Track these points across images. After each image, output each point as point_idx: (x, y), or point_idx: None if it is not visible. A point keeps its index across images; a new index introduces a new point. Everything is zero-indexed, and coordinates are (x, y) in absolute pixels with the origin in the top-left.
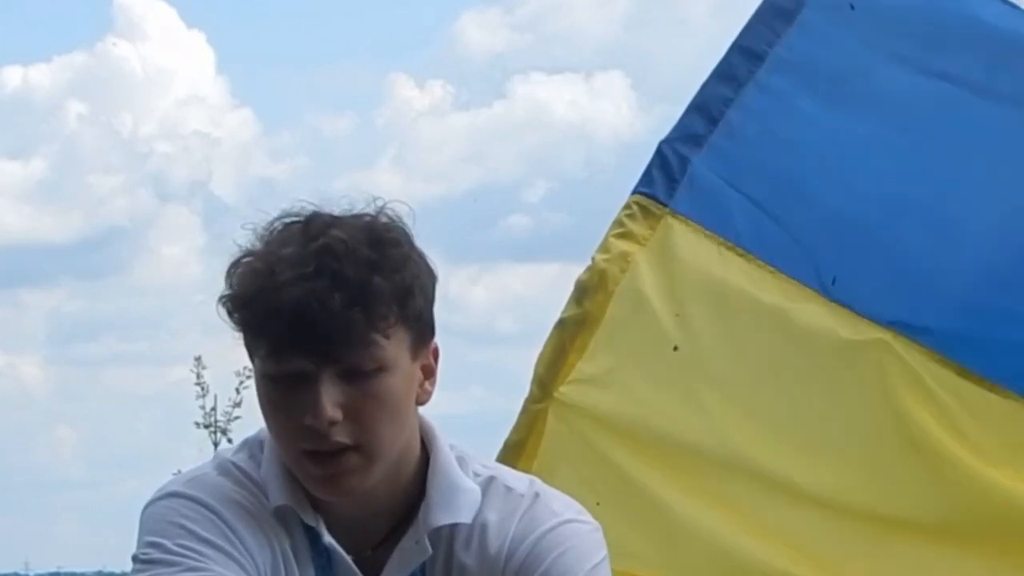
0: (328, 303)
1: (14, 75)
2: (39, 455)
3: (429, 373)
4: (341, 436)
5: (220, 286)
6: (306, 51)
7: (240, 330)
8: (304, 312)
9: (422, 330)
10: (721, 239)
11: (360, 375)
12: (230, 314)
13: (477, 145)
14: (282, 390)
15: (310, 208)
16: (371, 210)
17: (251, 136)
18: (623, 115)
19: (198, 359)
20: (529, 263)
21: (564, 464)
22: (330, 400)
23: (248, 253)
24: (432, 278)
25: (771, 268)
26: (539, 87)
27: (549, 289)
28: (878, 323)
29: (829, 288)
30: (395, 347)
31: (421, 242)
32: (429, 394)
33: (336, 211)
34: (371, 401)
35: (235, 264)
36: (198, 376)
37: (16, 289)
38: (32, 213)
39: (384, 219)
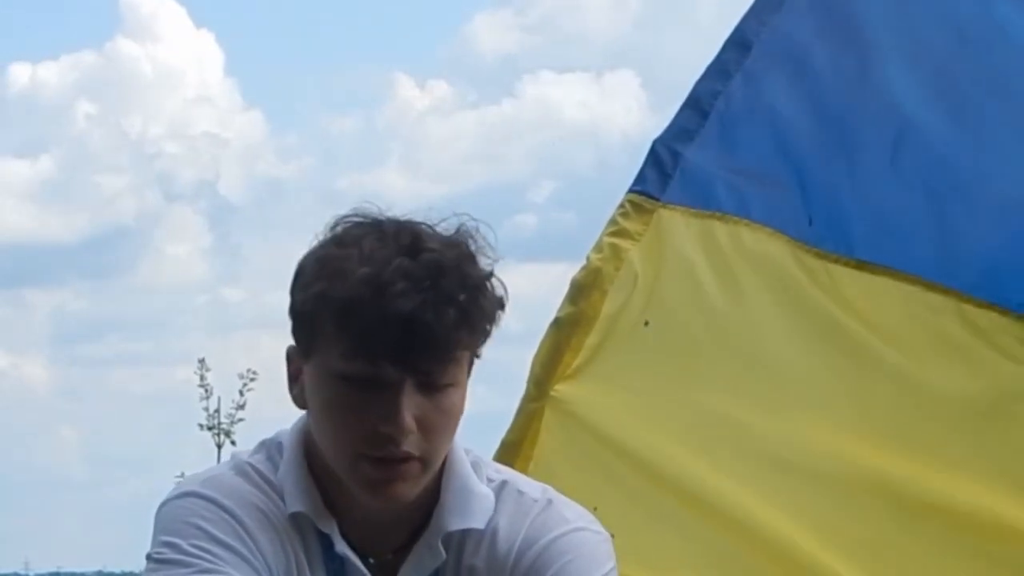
0: (443, 318)
1: (22, 72)
2: (42, 455)
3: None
4: (410, 446)
5: (224, 287)
6: (316, 51)
7: (325, 328)
8: (415, 323)
9: (481, 348)
10: (708, 213)
11: (436, 388)
12: (318, 311)
13: (485, 145)
14: (359, 393)
15: (375, 209)
16: (455, 224)
17: (259, 137)
18: (633, 115)
19: (202, 361)
20: (535, 263)
21: (560, 463)
22: (410, 410)
23: (333, 254)
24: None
25: (762, 226)
26: (549, 87)
27: (555, 289)
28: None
29: (806, 230)
30: (464, 364)
31: None
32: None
33: (402, 216)
34: (440, 415)
35: (318, 260)
36: (202, 378)
37: (21, 289)
38: (38, 212)
39: (470, 238)
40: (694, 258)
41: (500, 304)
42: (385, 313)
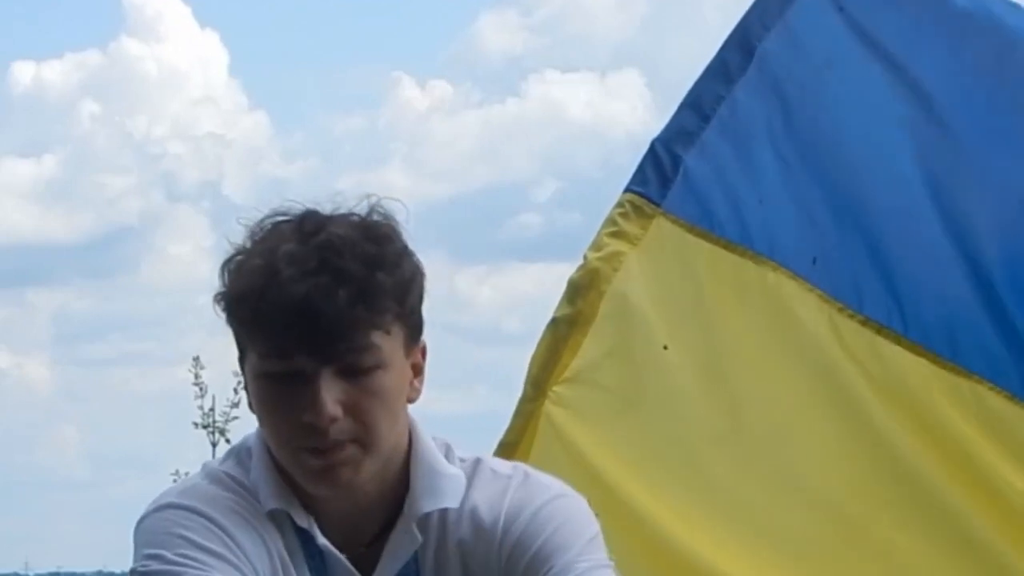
0: (334, 299)
1: (26, 71)
2: (43, 455)
3: (418, 371)
4: (339, 434)
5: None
6: (321, 51)
7: (237, 328)
8: (309, 308)
9: (415, 327)
10: (711, 235)
11: (359, 372)
12: (227, 311)
13: (489, 144)
14: (280, 388)
15: (300, 207)
16: (363, 207)
17: (263, 137)
18: (638, 114)
19: (196, 359)
20: (538, 263)
21: (556, 464)
22: (330, 398)
23: (242, 251)
24: (423, 275)
25: (765, 259)
26: (554, 86)
27: (558, 290)
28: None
29: (810, 269)
30: (391, 344)
31: (429, 242)
32: (419, 392)
33: (327, 209)
34: (369, 398)
35: (230, 261)
36: (196, 376)
37: (23, 288)
38: (41, 212)
39: (376, 216)
40: (706, 290)
41: (410, 279)
42: (277, 302)
